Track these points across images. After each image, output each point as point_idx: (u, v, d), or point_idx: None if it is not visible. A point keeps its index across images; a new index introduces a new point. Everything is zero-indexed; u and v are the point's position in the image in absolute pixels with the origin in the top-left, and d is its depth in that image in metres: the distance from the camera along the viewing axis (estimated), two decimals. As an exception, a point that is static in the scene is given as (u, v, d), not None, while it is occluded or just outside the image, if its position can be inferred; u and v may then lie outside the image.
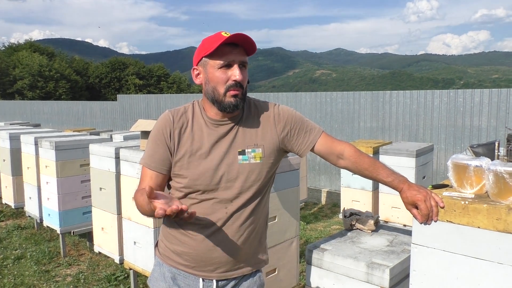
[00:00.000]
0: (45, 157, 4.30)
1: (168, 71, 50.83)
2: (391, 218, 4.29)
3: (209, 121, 1.51)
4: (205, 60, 1.46)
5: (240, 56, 1.44)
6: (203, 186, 1.47)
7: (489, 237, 1.30)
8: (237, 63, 1.44)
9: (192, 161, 1.48)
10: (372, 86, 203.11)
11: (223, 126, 1.50)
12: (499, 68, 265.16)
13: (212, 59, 1.45)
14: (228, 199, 1.47)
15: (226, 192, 1.47)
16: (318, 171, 7.44)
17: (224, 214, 1.47)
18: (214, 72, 1.45)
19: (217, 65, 1.44)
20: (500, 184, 1.32)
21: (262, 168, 1.51)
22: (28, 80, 35.39)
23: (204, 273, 1.51)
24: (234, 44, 1.43)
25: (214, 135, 1.49)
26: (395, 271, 1.71)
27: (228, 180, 1.47)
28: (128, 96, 12.16)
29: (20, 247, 4.68)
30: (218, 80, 1.44)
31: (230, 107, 1.45)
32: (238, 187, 1.48)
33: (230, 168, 1.47)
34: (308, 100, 7.60)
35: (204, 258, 1.49)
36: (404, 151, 4.19)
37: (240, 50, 1.45)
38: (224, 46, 1.42)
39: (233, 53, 1.43)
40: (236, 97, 1.44)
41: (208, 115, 1.51)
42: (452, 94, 6.08)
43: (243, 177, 1.48)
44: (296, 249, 2.76)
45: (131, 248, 3.21)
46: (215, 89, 1.45)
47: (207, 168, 1.47)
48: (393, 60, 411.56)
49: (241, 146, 1.49)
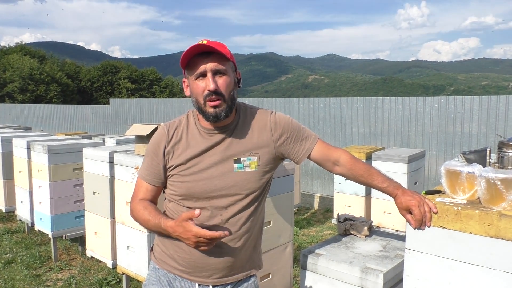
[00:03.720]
0: (38, 161, 4.27)
1: (160, 75, 50.69)
2: (384, 223, 4.32)
3: (203, 130, 1.52)
4: (187, 72, 1.49)
5: (212, 64, 1.42)
6: (197, 194, 1.48)
7: (481, 242, 1.33)
8: (210, 71, 1.42)
9: (187, 170, 1.49)
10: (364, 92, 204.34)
11: (217, 134, 1.51)
12: (489, 75, 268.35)
13: (188, 70, 1.47)
14: (223, 206, 1.48)
15: (221, 200, 1.48)
16: (311, 176, 7.47)
17: (219, 221, 1.48)
18: (192, 83, 1.46)
19: (193, 77, 1.45)
20: (492, 191, 1.35)
21: (257, 176, 1.52)
22: (18, 83, 35.06)
23: (199, 278, 1.52)
24: (207, 52, 1.42)
25: (209, 144, 1.50)
26: (389, 276, 1.73)
27: (223, 189, 1.48)
28: (121, 100, 12.12)
29: (11, 251, 4.64)
30: (197, 91, 1.45)
31: (211, 118, 1.45)
32: (234, 195, 1.49)
33: (226, 177, 1.48)
34: (301, 105, 7.64)
35: (200, 264, 1.50)
36: (396, 157, 4.23)
37: (214, 58, 1.42)
38: (197, 56, 1.42)
39: (204, 62, 1.41)
40: (215, 107, 1.43)
41: (201, 125, 1.53)
42: (443, 101, 6.16)
43: (238, 186, 1.48)
44: (290, 254, 2.77)
45: (124, 252, 3.20)
46: (196, 100, 1.46)
47: (202, 177, 1.48)
48: (385, 66, 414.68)
49: (236, 155, 1.50)
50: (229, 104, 1.46)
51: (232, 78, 1.48)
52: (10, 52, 40.31)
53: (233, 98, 1.48)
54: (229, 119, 1.51)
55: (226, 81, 1.44)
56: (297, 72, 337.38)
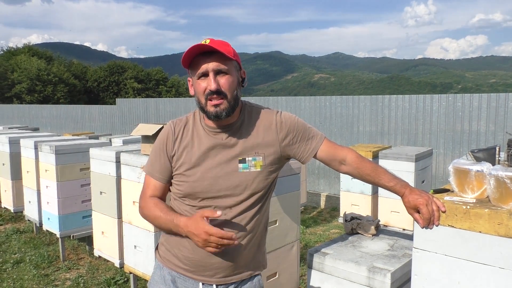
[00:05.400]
0: (45, 161, 4.30)
1: (166, 75, 50.84)
2: (391, 222, 4.29)
3: (208, 129, 1.52)
4: (190, 72, 1.49)
5: (214, 64, 1.41)
6: (202, 194, 1.48)
7: (490, 241, 1.31)
8: (211, 71, 1.41)
9: (192, 169, 1.49)
10: (370, 90, 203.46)
11: (221, 133, 1.50)
12: (497, 72, 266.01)
13: (191, 70, 1.47)
14: (227, 206, 1.48)
15: (226, 200, 1.47)
16: (318, 175, 7.44)
17: (223, 221, 1.47)
18: (195, 83, 1.46)
19: (196, 76, 1.45)
20: (501, 189, 1.33)
21: (262, 176, 1.51)
22: (26, 84, 35.35)
23: (203, 277, 1.51)
24: (209, 51, 1.41)
25: (213, 142, 1.50)
26: (396, 275, 1.72)
27: (228, 189, 1.47)
28: (127, 100, 12.16)
29: (19, 251, 4.67)
30: (199, 91, 1.45)
31: (212, 117, 1.45)
32: (238, 195, 1.48)
33: (230, 177, 1.47)
34: (307, 104, 7.61)
35: (204, 263, 1.50)
36: (403, 156, 4.20)
37: (216, 57, 1.41)
38: (199, 55, 1.42)
39: (206, 61, 1.41)
40: (216, 106, 1.42)
41: (206, 123, 1.52)
42: (451, 99, 6.11)
43: (243, 185, 1.48)
44: (296, 253, 2.77)
45: (131, 252, 3.21)
46: (199, 99, 1.47)
47: (207, 176, 1.47)
48: (391, 64, 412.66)
49: (241, 155, 1.49)
50: (232, 104, 1.45)
51: (235, 77, 1.47)
52: (18, 53, 40.66)
53: (236, 97, 1.47)
54: (233, 118, 1.50)
55: (229, 81, 1.44)
56: (303, 70, 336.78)
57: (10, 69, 36.43)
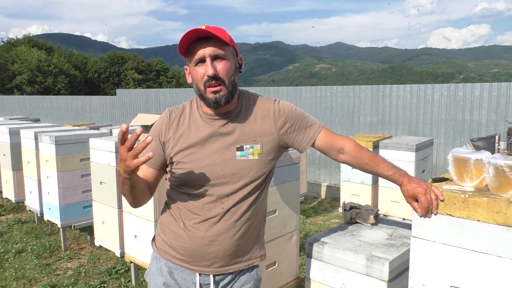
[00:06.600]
0: (45, 151, 4.30)
1: (167, 66, 50.69)
2: (391, 211, 4.30)
3: (205, 116, 1.50)
4: (187, 59, 1.47)
5: (211, 49, 1.39)
6: (199, 181, 1.46)
7: (489, 230, 1.31)
8: (208, 57, 1.39)
9: (189, 156, 1.47)
10: (372, 80, 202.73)
11: (218, 120, 1.49)
12: (499, 62, 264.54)
13: (188, 57, 1.45)
14: (224, 194, 1.47)
15: (223, 188, 1.46)
16: (318, 165, 7.44)
17: (220, 210, 1.47)
18: (192, 70, 1.44)
19: (193, 63, 1.43)
20: (500, 178, 1.33)
21: (260, 165, 1.50)
22: (26, 75, 35.31)
23: (200, 268, 1.51)
24: (206, 37, 1.39)
25: (210, 130, 1.48)
26: (395, 264, 1.72)
27: (225, 176, 1.46)
28: (128, 90, 12.14)
29: (21, 241, 4.70)
30: (196, 77, 1.43)
31: (211, 104, 1.43)
32: (235, 183, 1.47)
33: (228, 164, 1.46)
34: (308, 94, 7.59)
35: (200, 253, 1.49)
36: (404, 145, 4.19)
37: (212, 43, 1.39)
38: (195, 42, 1.40)
39: (202, 47, 1.39)
40: (216, 93, 1.41)
41: (203, 111, 1.51)
42: (452, 88, 6.07)
43: (240, 173, 1.47)
44: (296, 242, 2.77)
45: (132, 241, 3.22)
46: (197, 86, 1.45)
47: (204, 164, 1.46)
48: (393, 54, 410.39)
49: (239, 142, 1.48)
50: (230, 90, 1.43)
51: (232, 63, 1.45)
52: (18, 44, 40.55)
53: (234, 83, 1.45)
54: (231, 105, 1.49)
55: (226, 66, 1.42)
56: (304, 61, 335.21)
57: (10, 60, 36.36)
